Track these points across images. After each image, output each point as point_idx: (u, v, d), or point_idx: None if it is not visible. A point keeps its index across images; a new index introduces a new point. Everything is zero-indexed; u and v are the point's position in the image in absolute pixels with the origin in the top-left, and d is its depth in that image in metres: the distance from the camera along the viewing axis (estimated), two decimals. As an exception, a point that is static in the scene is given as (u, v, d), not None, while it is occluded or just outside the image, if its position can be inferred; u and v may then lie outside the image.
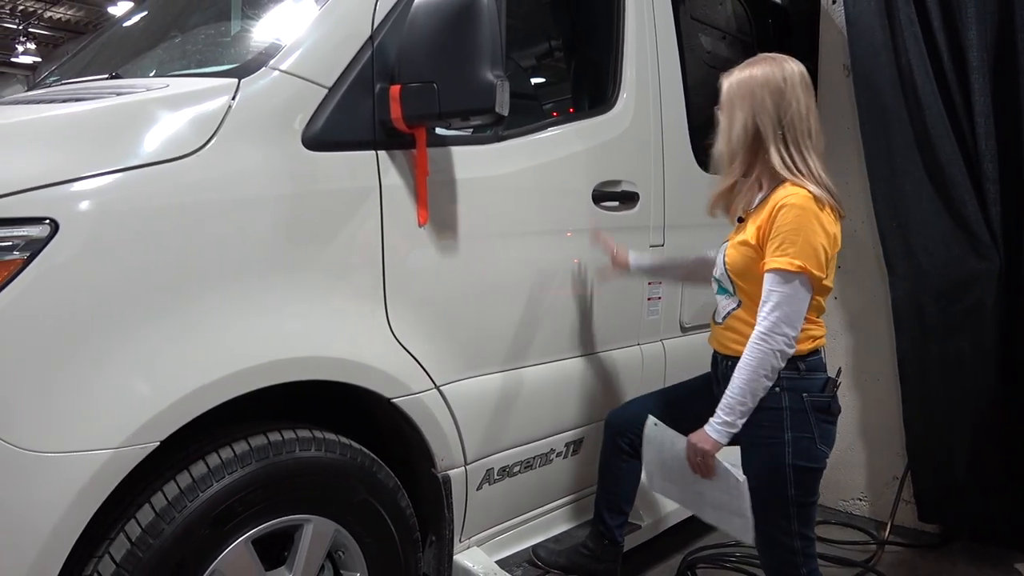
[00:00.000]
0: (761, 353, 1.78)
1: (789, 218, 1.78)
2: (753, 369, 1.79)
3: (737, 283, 1.93)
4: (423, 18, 1.77)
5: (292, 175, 1.66)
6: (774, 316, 1.78)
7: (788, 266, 1.77)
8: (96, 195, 1.40)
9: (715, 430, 1.85)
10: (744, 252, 1.89)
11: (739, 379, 1.81)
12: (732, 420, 1.83)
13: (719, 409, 1.85)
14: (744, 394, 1.81)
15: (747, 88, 1.89)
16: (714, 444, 1.85)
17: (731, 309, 1.97)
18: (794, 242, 1.77)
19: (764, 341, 1.79)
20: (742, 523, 1.90)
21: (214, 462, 1.55)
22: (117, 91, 1.60)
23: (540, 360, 2.29)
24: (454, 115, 1.76)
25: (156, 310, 1.46)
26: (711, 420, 1.86)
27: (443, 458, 1.98)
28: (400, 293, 1.87)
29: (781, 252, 1.78)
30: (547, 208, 2.28)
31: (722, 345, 2.01)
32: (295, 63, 1.70)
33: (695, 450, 1.88)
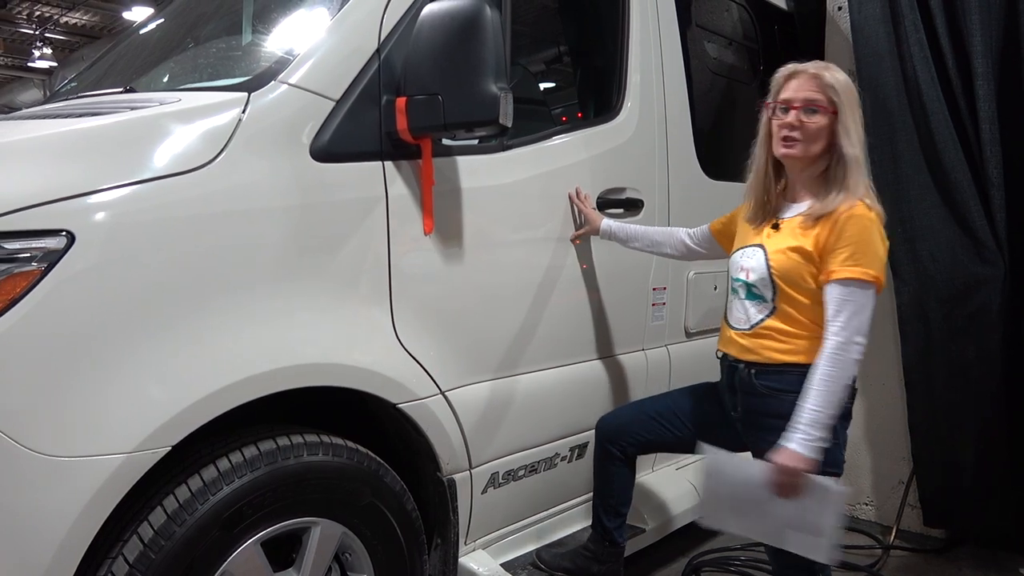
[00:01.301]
0: (843, 363, 1.76)
1: (858, 229, 1.78)
2: (836, 380, 1.76)
3: (782, 289, 1.88)
4: (428, 31, 1.82)
5: (300, 186, 1.70)
6: (852, 326, 1.76)
7: (864, 276, 1.77)
8: (111, 207, 1.45)
9: (807, 447, 1.75)
10: (796, 259, 1.86)
11: (823, 392, 1.75)
12: (824, 435, 1.76)
13: (804, 425, 1.75)
14: (830, 406, 1.76)
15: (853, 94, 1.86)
16: (810, 462, 1.75)
17: (763, 317, 1.92)
18: (865, 253, 1.78)
19: (844, 351, 1.76)
20: (819, 541, 1.80)
21: (224, 466, 1.59)
22: (131, 105, 1.65)
23: (545, 366, 2.32)
24: (459, 126, 1.80)
25: (168, 318, 1.50)
26: (794, 437, 1.76)
27: (448, 462, 2.02)
28: (406, 300, 1.91)
29: (854, 262, 1.77)
30: (551, 215, 2.31)
31: (745, 351, 1.96)
32: (303, 77, 1.74)
33: (787, 471, 1.76)
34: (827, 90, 1.87)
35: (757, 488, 1.83)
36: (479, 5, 1.76)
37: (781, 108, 1.93)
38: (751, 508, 1.88)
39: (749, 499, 1.87)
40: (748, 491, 1.86)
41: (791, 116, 1.89)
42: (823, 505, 1.78)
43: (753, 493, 1.85)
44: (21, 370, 1.35)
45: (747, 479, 1.87)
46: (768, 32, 3.47)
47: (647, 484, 2.81)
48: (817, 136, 1.87)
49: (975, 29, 2.86)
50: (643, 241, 2.43)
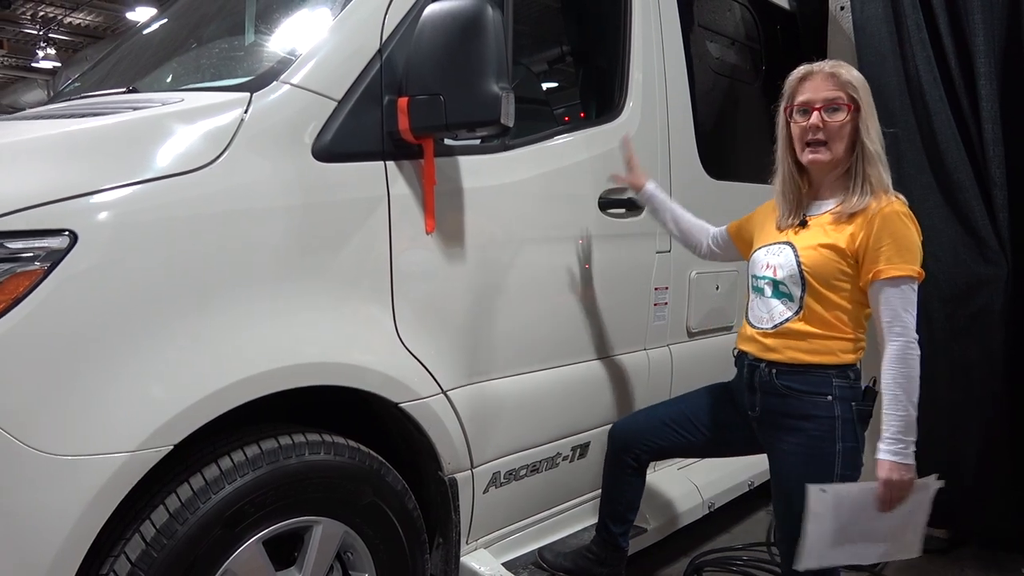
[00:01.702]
0: (913, 362, 1.75)
1: (899, 225, 1.77)
2: (910, 379, 1.75)
3: (812, 287, 1.84)
4: (430, 31, 1.82)
5: (302, 186, 1.71)
6: (910, 324, 1.76)
7: (912, 272, 1.76)
8: (113, 207, 1.45)
9: (903, 455, 1.74)
10: (828, 256, 1.82)
11: (902, 395, 1.73)
12: (913, 438, 1.75)
13: (896, 433, 1.73)
14: (912, 407, 1.74)
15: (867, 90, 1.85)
16: (912, 469, 1.75)
17: (789, 316, 1.88)
18: (910, 248, 1.77)
19: (911, 349, 1.75)
20: (913, 539, 1.85)
21: (226, 465, 1.60)
22: (134, 105, 1.66)
23: (546, 365, 2.32)
24: (460, 126, 1.81)
25: (170, 317, 1.51)
26: (892, 448, 1.74)
27: (450, 462, 2.02)
28: (408, 300, 1.91)
29: (901, 259, 1.75)
30: (553, 215, 2.31)
31: (767, 350, 1.92)
32: (305, 77, 1.75)
33: (897, 485, 1.74)
34: (846, 87, 1.85)
35: (866, 512, 1.80)
36: (481, 5, 1.77)
37: (800, 111, 1.91)
38: (855, 533, 1.84)
39: (855, 524, 1.83)
40: (856, 516, 1.82)
41: (814, 118, 1.86)
42: (920, 504, 1.80)
43: (860, 517, 1.82)
44: (24, 369, 1.36)
45: (858, 506, 1.81)
46: (770, 32, 3.47)
47: (649, 484, 2.78)
48: (841, 135, 1.85)
49: (977, 29, 2.85)
50: (673, 222, 2.41)
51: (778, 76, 3.43)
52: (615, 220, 2.50)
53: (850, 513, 1.82)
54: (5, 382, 1.34)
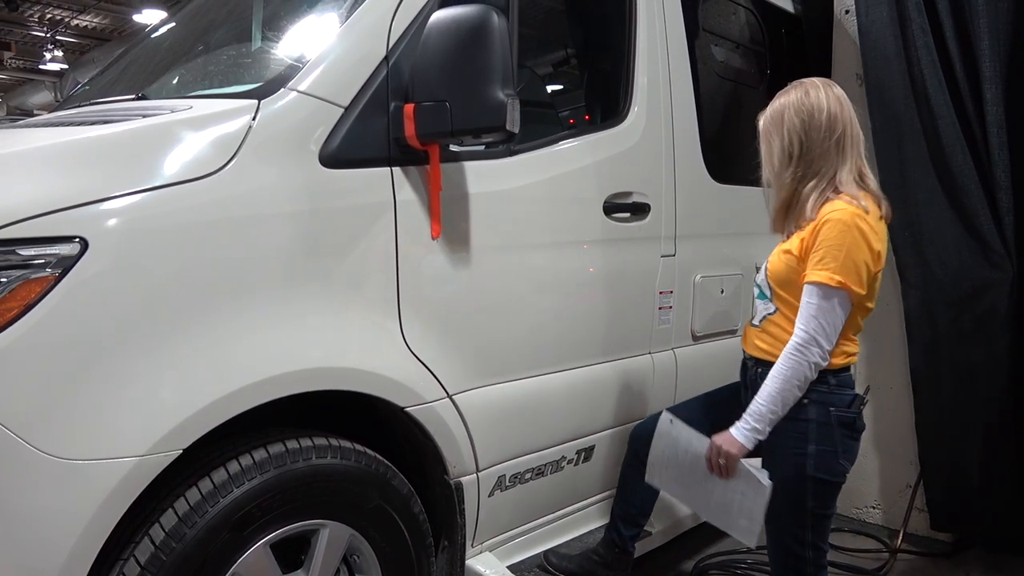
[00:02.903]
0: (796, 364, 1.83)
1: (833, 233, 1.82)
2: (786, 379, 1.83)
3: (776, 290, 1.97)
4: (436, 38, 1.83)
5: (310, 192, 1.72)
6: (811, 328, 1.82)
7: (828, 280, 1.80)
8: (123, 214, 1.47)
9: (743, 434, 1.89)
10: (786, 261, 1.93)
11: (771, 388, 1.85)
12: (761, 427, 1.87)
13: (748, 415, 1.89)
14: (775, 403, 1.85)
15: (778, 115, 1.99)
16: (740, 448, 1.88)
17: (768, 313, 2.01)
18: (836, 257, 1.80)
19: (799, 352, 1.83)
20: (748, 525, 1.93)
21: (234, 469, 1.61)
22: (143, 112, 1.68)
23: (551, 369, 2.33)
24: (466, 133, 1.82)
25: (180, 323, 1.53)
26: (738, 424, 1.90)
27: (455, 465, 2.03)
28: (414, 305, 1.93)
29: (823, 266, 1.81)
30: (558, 220, 2.32)
31: (755, 347, 2.05)
32: (313, 84, 1.76)
33: (720, 452, 1.91)
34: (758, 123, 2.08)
35: (697, 461, 2.00)
36: (486, 12, 1.78)
37: None
38: (688, 478, 2.05)
39: (689, 470, 2.04)
40: (689, 462, 2.03)
41: None
42: (753, 491, 1.90)
43: (694, 465, 2.01)
44: (35, 374, 1.38)
45: (690, 448, 2.03)
46: (775, 36, 3.47)
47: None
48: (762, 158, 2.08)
49: (983, 33, 2.85)
50: None
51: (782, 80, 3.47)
52: (620, 224, 2.51)
53: (684, 454, 2.05)
54: (17, 387, 1.36)
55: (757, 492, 1.89)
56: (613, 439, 2.58)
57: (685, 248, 2.77)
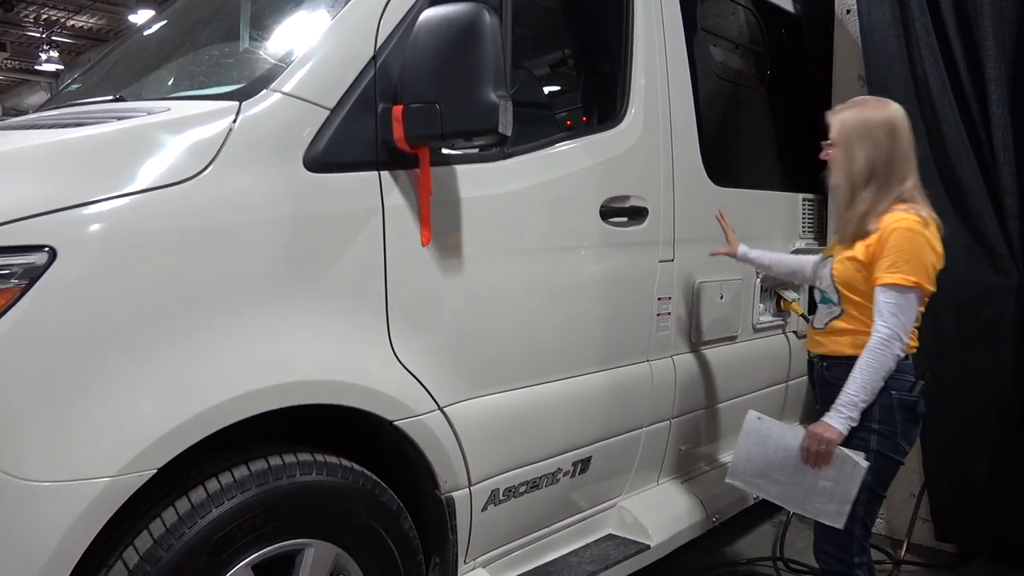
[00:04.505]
0: (882, 356, 1.98)
1: (902, 239, 2.00)
2: (874, 370, 1.98)
3: (844, 294, 2.13)
4: (425, 37, 1.77)
5: (293, 197, 1.66)
6: (892, 325, 1.98)
7: (904, 281, 1.98)
8: (95, 222, 1.40)
9: (839, 422, 2.00)
10: (852, 267, 2.10)
11: (860, 379, 1.99)
12: (855, 415, 2.00)
13: (840, 405, 2.01)
14: (865, 391, 1.99)
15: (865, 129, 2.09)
16: (839, 434, 1.99)
17: (833, 316, 2.18)
18: (908, 260, 1.99)
19: (884, 346, 1.98)
20: (838, 508, 2.02)
21: (213, 488, 1.54)
22: (119, 115, 1.60)
23: (546, 379, 2.26)
24: (457, 136, 1.75)
25: (154, 336, 1.45)
26: (831, 414, 2.01)
27: (447, 480, 1.96)
28: (403, 314, 1.86)
29: (895, 269, 1.99)
30: (553, 225, 2.26)
31: (820, 346, 2.23)
32: (297, 85, 1.69)
33: (819, 439, 2.00)
34: (833, 127, 2.16)
35: (790, 452, 2.09)
36: (477, 10, 1.71)
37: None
38: (779, 472, 2.13)
39: (779, 463, 2.12)
40: (780, 456, 2.12)
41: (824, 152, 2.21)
42: (846, 476, 1.99)
43: (785, 457, 2.10)
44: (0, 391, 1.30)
45: (781, 442, 2.12)
46: (775, 36, 3.42)
47: (652, 498, 2.75)
48: (834, 166, 2.17)
49: (987, 33, 2.80)
50: (778, 267, 2.74)
51: (782, 81, 3.43)
52: (617, 229, 2.44)
53: (775, 449, 2.13)
54: (-21, 404, 1.29)
55: (852, 475, 1.99)
56: (610, 450, 2.51)
57: (684, 253, 2.71)
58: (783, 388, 3.43)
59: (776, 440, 2.15)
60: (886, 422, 2.05)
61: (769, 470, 2.16)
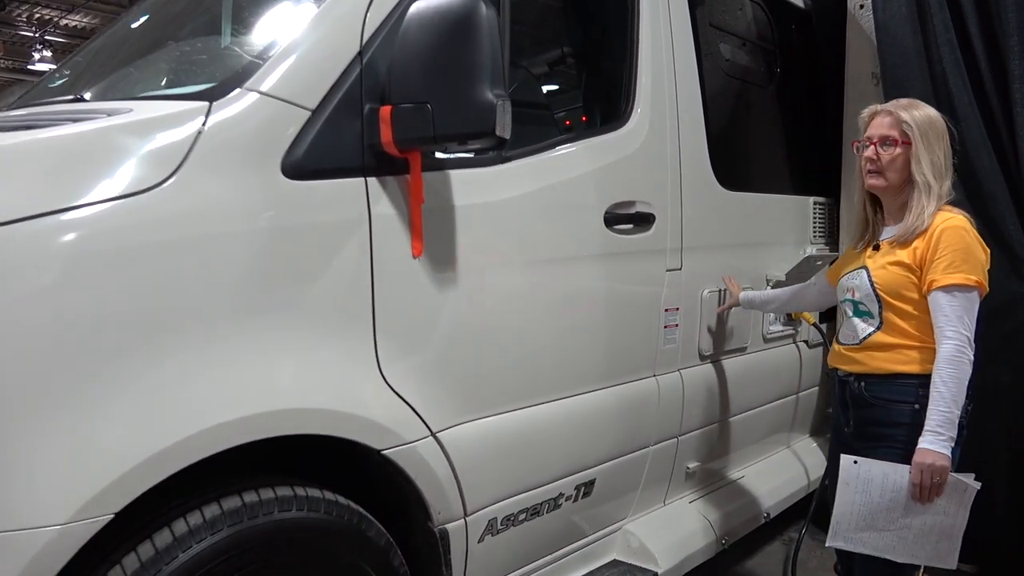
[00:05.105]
0: (961, 364, 1.85)
1: (955, 238, 1.91)
2: (958, 380, 1.85)
3: (887, 302, 1.99)
4: (416, 32, 1.62)
5: (270, 207, 1.51)
6: (962, 329, 1.86)
7: (966, 281, 1.88)
8: (43, 236, 1.25)
9: (942, 445, 1.83)
10: (897, 272, 1.97)
11: (947, 392, 1.84)
12: (953, 433, 1.84)
13: (936, 426, 1.83)
14: (955, 405, 1.84)
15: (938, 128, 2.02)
16: (948, 459, 1.83)
17: (871, 331, 2.03)
18: (966, 259, 1.89)
19: (961, 353, 1.86)
20: (950, 546, 1.89)
21: (181, 530, 1.39)
22: (75, 117, 1.45)
23: (547, 398, 2.12)
24: (450, 139, 1.61)
25: (112, 364, 1.30)
26: (928, 437, 1.83)
27: (440, 511, 1.81)
28: (392, 333, 1.71)
29: (954, 269, 1.88)
30: (554, 233, 2.11)
31: (855, 363, 2.07)
32: (274, 84, 1.55)
33: (931, 470, 1.82)
34: (901, 125, 2.02)
35: (898, 492, 1.88)
36: (473, 3, 1.57)
37: (864, 144, 2.10)
38: (887, 519, 1.92)
39: (888, 508, 1.91)
40: (888, 499, 1.90)
41: (869, 151, 2.06)
42: (958, 503, 1.86)
43: (892, 500, 1.89)
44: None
45: (887, 483, 1.90)
46: (785, 32, 3.28)
47: (658, 520, 2.61)
48: (893, 166, 2.02)
49: (1011, 28, 2.67)
50: (779, 301, 2.64)
51: (793, 78, 3.28)
52: (622, 237, 2.30)
53: (881, 493, 1.90)
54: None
55: (963, 500, 1.85)
56: (615, 471, 2.36)
57: (692, 261, 2.56)
58: (794, 400, 3.29)
59: (880, 482, 1.91)
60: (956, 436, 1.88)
61: (875, 519, 1.93)
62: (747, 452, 3.09)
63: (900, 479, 1.88)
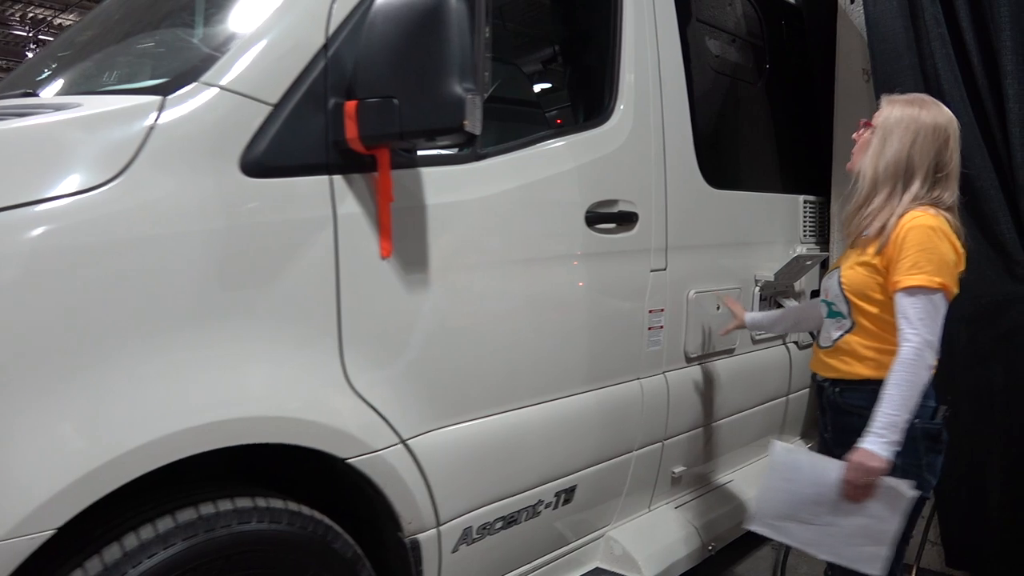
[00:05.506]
0: (916, 368, 1.76)
1: (921, 238, 1.80)
2: (911, 384, 1.76)
3: (854, 304, 1.93)
4: (383, 23, 1.56)
5: (227, 206, 1.44)
6: (924, 332, 1.77)
7: (928, 283, 1.78)
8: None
9: (883, 447, 1.75)
10: (864, 273, 1.91)
11: (897, 395, 1.76)
12: (898, 437, 1.76)
13: (879, 427, 1.76)
14: (903, 410, 1.76)
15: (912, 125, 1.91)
16: (885, 461, 1.75)
17: (842, 333, 1.97)
18: (930, 260, 1.79)
19: (918, 357, 1.76)
20: (876, 551, 1.80)
21: (131, 544, 1.33)
22: (21, 112, 1.38)
23: (525, 403, 2.05)
24: (417, 135, 1.55)
25: (55, 372, 1.24)
26: (871, 438, 1.76)
27: (411, 521, 1.75)
28: (359, 336, 1.65)
29: (918, 270, 1.79)
30: (533, 233, 2.05)
31: (829, 368, 2.00)
32: (232, 78, 1.48)
33: (864, 469, 1.76)
34: (879, 111, 1.97)
35: (825, 487, 1.82)
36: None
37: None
38: (811, 512, 1.87)
39: (812, 500, 1.86)
40: (814, 492, 1.85)
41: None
42: (891, 509, 1.78)
43: (819, 494, 1.84)
44: None
45: (815, 475, 1.86)
46: (774, 28, 3.22)
47: (643, 526, 2.55)
48: (862, 149, 1.97)
49: (1004, 23, 2.60)
50: (788, 320, 2.57)
51: (782, 75, 3.22)
52: (604, 236, 2.24)
53: (807, 484, 1.86)
54: None
55: (896, 508, 1.77)
56: (597, 477, 2.30)
57: (677, 261, 2.50)
58: (783, 402, 3.23)
59: (808, 473, 1.87)
60: (909, 455, 1.81)
61: (799, 510, 1.87)
62: (735, 456, 3.03)
63: (829, 474, 1.83)
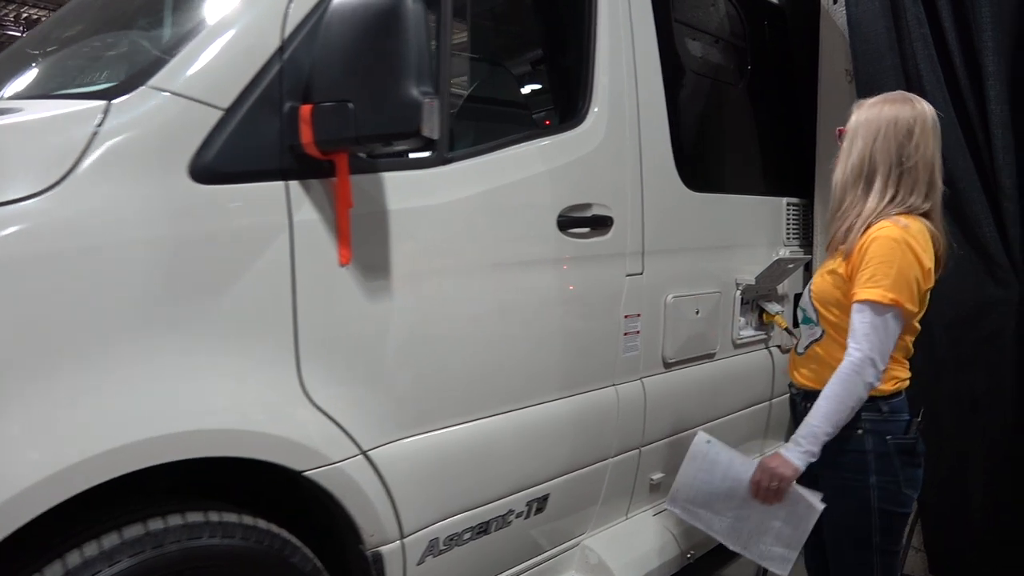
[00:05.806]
0: (851, 384, 1.75)
1: (883, 250, 1.75)
2: (841, 399, 1.75)
3: (821, 312, 1.91)
4: (339, 26, 1.52)
5: (174, 213, 1.40)
6: (865, 347, 1.74)
7: (881, 298, 1.73)
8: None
9: (797, 456, 1.78)
10: (831, 281, 1.88)
11: (824, 408, 1.77)
12: (815, 449, 1.78)
13: (800, 436, 1.79)
14: (828, 423, 1.76)
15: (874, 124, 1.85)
16: (795, 470, 1.79)
17: (813, 339, 1.95)
18: (887, 274, 1.74)
19: (855, 372, 1.74)
20: (783, 554, 1.87)
21: (74, 562, 1.29)
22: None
23: (495, 411, 2.02)
24: (372, 139, 1.51)
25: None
26: (790, 446, 1.80)
27: (373, 534, 1.72)
28: (317, 345, 1.61)
29: (874, 283, 1.74)
30: (501, 238, 2.01)
31: (801, 376, 1.99)
32: (181, 81, 1.44)
33: (772, 475, 1.80)
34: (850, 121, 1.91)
35: (738, 484, 1.90)
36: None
37: None
38: (724, 505, 1.95)
39: (726, 495, 1.94)
40: (726, 487, 1.93)
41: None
42: (797, 516, 1.83)
43: (732, 489, 1.92)
44: None
45: (730, 471, 1.93)
46: (756, 28, 3.18)
47: (619, 534, 2.51)
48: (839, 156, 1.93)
49: (986, 24, 2.57)
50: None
51: (765, 76, 3.19)
52: (578, 241, 2.20)
53: (722, 478, 1.94)
54: None
55: (804, 516, 1.82)
56: (571, 485, 2.26)
57: (654, 265, 2.47)
58: (766, 407, 3.19)
59: (724, 468, 1.95)
60: (885, 472, 1.81)
61: (714, 501, 1.97)
62: (717, 461, 2.99)
63: (742, 472, 1.89)
